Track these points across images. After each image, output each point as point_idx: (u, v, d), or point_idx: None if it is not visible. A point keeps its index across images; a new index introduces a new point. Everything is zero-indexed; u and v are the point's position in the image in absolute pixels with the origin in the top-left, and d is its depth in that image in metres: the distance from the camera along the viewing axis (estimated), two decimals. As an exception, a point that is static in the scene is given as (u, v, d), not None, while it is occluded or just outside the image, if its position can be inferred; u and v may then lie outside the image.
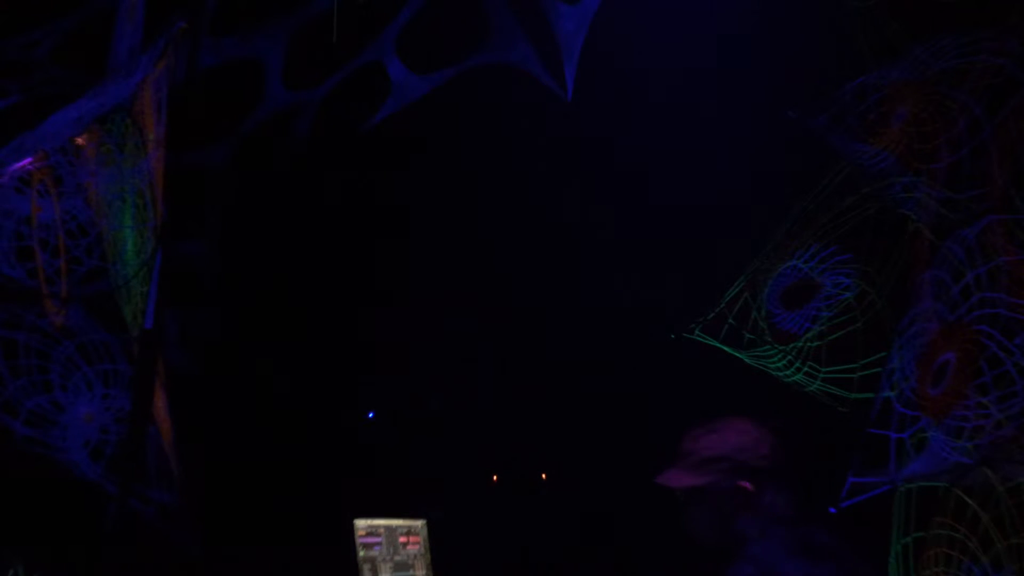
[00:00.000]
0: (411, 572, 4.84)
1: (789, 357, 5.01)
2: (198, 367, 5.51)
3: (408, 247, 7.88)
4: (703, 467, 2.46)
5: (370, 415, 9.17)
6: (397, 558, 4.79)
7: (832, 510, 3.85)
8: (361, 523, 4.68)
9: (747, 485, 2.41)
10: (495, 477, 9.26)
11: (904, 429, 3.83)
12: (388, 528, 4.79)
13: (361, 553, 4.61)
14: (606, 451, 8.10)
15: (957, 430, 3.62)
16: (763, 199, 5.49)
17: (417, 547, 4.90)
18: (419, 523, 4.96)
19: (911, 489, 3.73)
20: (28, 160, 4.52)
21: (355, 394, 8.65)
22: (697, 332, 5.51)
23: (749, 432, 2.47)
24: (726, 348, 5.36)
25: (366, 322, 8.17)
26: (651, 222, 6.68)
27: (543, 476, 9.27)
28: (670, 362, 6.35)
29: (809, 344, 4.93)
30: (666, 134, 6.06)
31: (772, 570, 2.26)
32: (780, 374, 5.03)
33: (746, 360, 5.28)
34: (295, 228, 6.95)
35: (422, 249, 7.87)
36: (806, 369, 4.91)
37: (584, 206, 7.01)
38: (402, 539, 4.84)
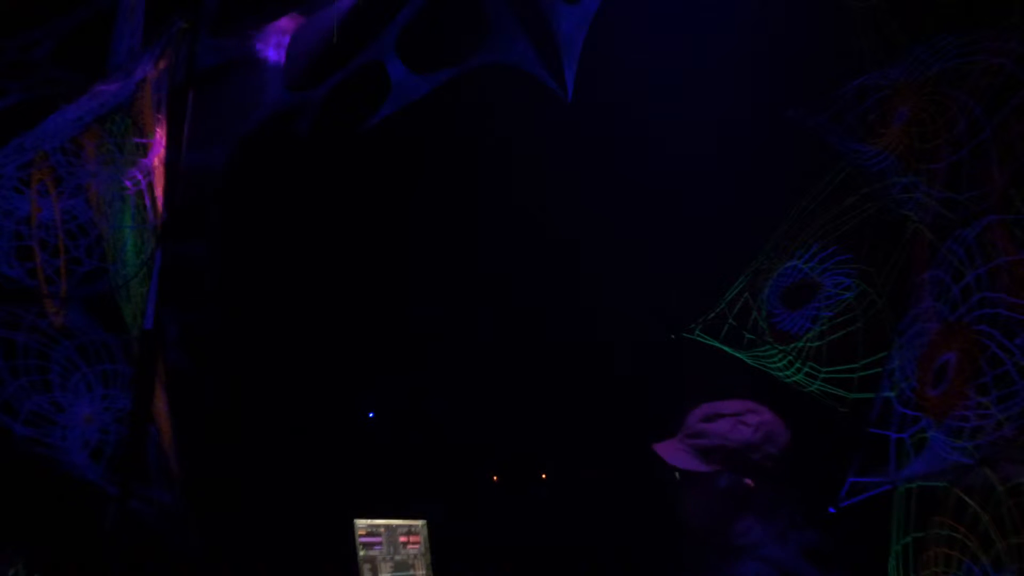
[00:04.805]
0: (411, 572, 4.83)
1: (789, 357, 5.01)
2: (198, 367, 5.51)
3: (408, 247, 7.88)
4: (710, 455, 2.38)
5: (370, 415, 9.17)
6: (397, 558, 4.78)
7: (832, 510, 3.84)
8: (361, 523, 4.67)
9: (750, 483, 2.35)
10: (495, 477, 9.26)
11: (904, 429, 3.82)
12: (388, 528, 4.79)
13: (361, 553, 4.61)
14: (606, 451, 8.09)
15: (957, 430, 3.62)
16: (763, 199, 5.49)
17: (417, 547, 4.89)
18: (419, 523, 4.96)
19: (911, 489, 3.73)
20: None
21: (356, 394, 8.65)
22: (697, 332, 5.51)
23: (762, 428, 2.38)
24: (726, 348, 5.36)
25: (366, 323, 8.17)
26: (651, 222, 6.68)
27: (543, 476, 9.27)
28: (671, 362, 6.34)
29: (809, 344, 4.92)
30: (666, 134, 6.06)
31: (787, 574, 2.23)
32: (780, 374, 5.03)
33: (746, 360, 5.27)
34: (295, 228, 6.95)
35: (422, 249, 7.87)
36: (806, 369, 4.90)
37: (583, 206, 7.01)
38: (402, 539, 4.84)
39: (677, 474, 2.44)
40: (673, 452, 2.46)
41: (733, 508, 2.36)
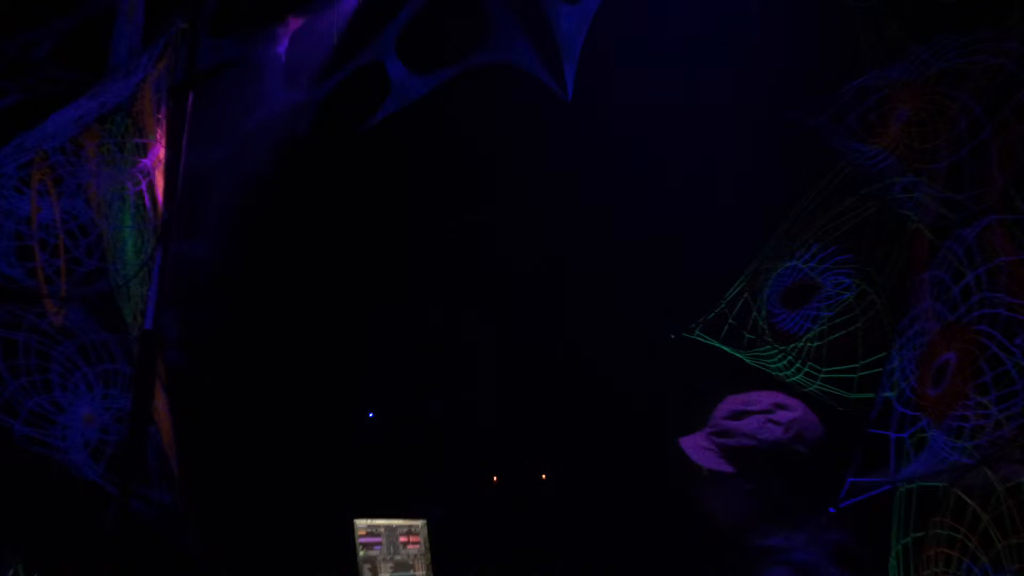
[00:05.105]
0: (411, 572, 4.84)
1: (789, 357, 5.01)
2: (198, 367, 5.51)
3: (409, 248, 7.88)
4: (737, 456, 2.28)
5: (370, 415, 9.17)
6: (397, 558, 4.79)
7: (831, 510, 3.84)
8: (361, 523, 4.67)
9: (779, 482, 2.27)
10: (495, 477, 9.26)
11: (904, 429, 3.83)
12: (388, 528, 4.79)
13: (361, 553, 4.61)
14: (606, 452, 8.09)
15: (957, 430, 3.62)
16: (763, 199, 5.49)
17: (417, 547, 4.90)
18: (419, 523, 4.96)
19: (911, 489, 3.73)
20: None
21: (355, 394, 8.65)
22: (697, 332, 5.51)
23: (794, 427, 2.27)
24: (726, 348, 5.36)
25: (367, 322, 8.16)
26: (651, 222, 6.68)
27: (543, 476, 9.27)
28: (671, 363, 6.34)
29: (809, 344, 4.93)
30: (666, 134, 6.06)
31: None
32: (780, 374, 5.03)
33: (746, 360, 5.28)
34: (295, 228, 6.95)
35: (423, 249, 7.87)
36: (806, 369, 4.91)
37: (583, 206, 7.01)
38: (402, 539, 4.84)
39: (705, 472, 2.35)
40: (698, 450, 2.34)
41: (760, 510, 2.27)
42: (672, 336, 5.66)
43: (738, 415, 2.32)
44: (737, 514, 2.31)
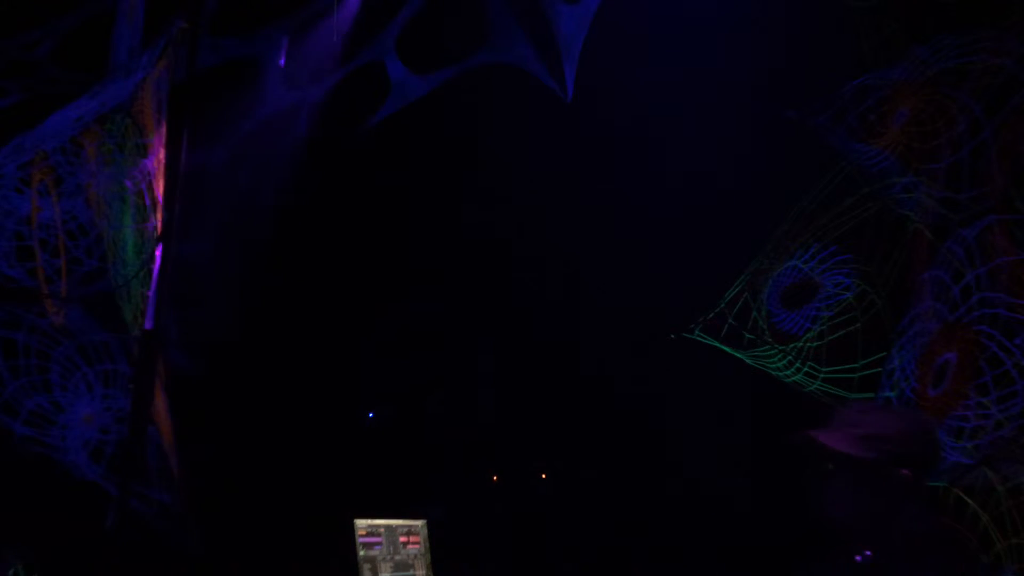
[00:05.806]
0: (411, 572, 4.83)
1: (789, 357, 5.01)
2: (199, 367, 5.51)
3: (408, 247, 7.88)
4: (870, 443, 2.38)
5: (370, 415, 9.18)
6: (397, 558, 4.78)
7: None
8: (361, 523, 4.67)
9: (907, 473, 2.36)
10: (495, 477, 9.27)
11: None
12: (388, 528, 4.79)
13: (361, 553, 4.60)
14: (605, 451, 8.10)
15: (957, 430, 3.62)
16: (763, 199, 5.49)
17: (417, 547, 4.89)
18: (419, 523, 4.96)
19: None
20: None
21: (355, 394, 8.65)
22: (697, 332, 5.50)
23: (921, 424, 2.45)
24: (726, 348, 5.36)
25: (367, 322, 8.17)
26: (651, 222, 6.68)
27: (543, 476, 9.28)
28: (669, 362, 6.34)
29: (809, 344, 4.92)
30: (666, 134, 6.05)
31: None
32: (780, 374, 5.03)
33: (746, 360, 5.27)
34: (294, 228, 6.94)
35: (423, 250, 7.87)
36: (806, 369, 4.90)
37: (583, 206, 7.01)
38: (402, 539, 4.84)
39: (831, 466, 2.41)
40: (832, 438, 2.43)
41: (883, 502, 2.37)
42: (672, 336, 5.65)
43: (869, 411, 2.48)
44: (857, 505, 2.39)
